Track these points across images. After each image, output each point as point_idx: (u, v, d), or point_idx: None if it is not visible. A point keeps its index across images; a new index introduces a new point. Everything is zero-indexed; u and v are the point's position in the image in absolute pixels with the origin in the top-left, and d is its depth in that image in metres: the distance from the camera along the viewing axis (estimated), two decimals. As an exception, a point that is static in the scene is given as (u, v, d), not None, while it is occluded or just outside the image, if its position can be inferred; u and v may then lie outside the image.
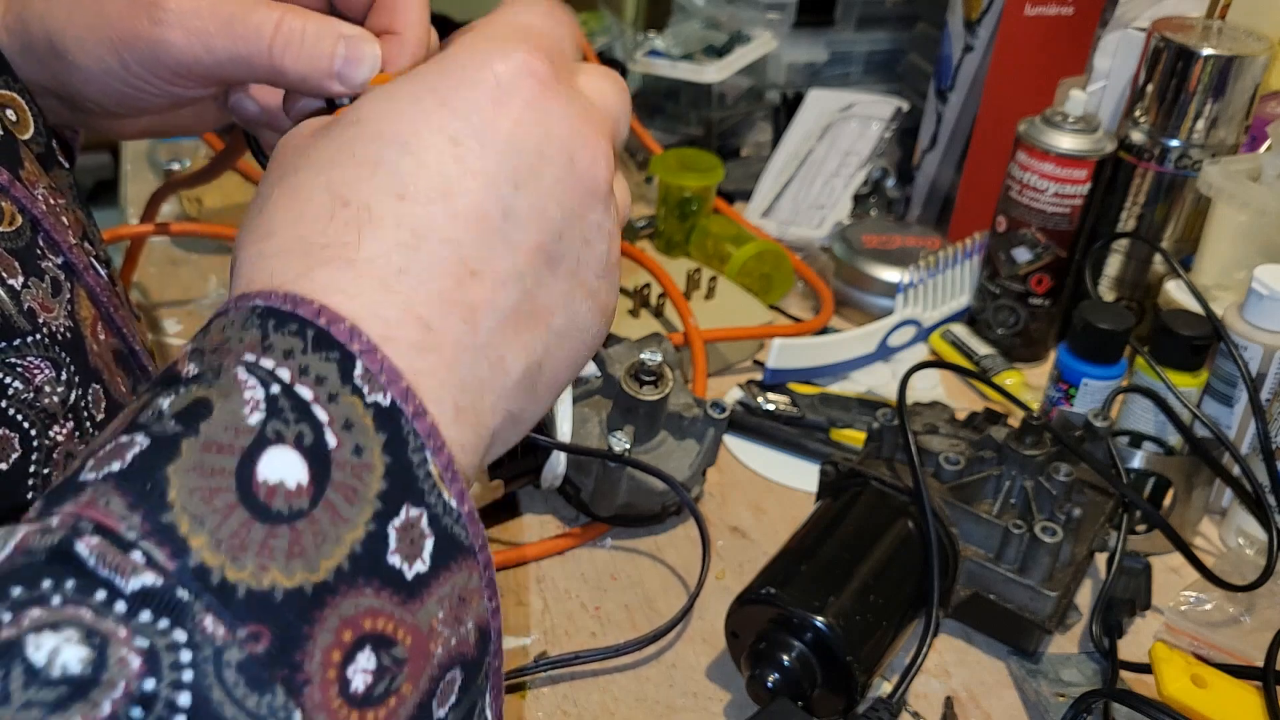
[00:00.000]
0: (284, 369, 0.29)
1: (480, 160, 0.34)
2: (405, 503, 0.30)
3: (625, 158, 1.14)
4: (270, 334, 0.30)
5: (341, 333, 0.30)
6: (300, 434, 0.29)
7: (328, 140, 0.35)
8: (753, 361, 0.92)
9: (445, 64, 0.36)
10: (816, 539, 0.65)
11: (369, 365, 0.30)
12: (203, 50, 0.45)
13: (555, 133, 0.35)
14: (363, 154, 0.34)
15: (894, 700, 0.60)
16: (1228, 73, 0.83)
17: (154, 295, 0.94)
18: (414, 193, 0.33)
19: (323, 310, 0.31)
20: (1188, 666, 0.61)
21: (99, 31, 0.46)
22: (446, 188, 0.33)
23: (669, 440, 0.73)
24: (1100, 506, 0.70)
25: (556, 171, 0.35)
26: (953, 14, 1.02)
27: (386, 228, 0.33)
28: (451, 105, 0.34)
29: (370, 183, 0.33)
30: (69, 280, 0.44)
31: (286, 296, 0.31)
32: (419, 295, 0.32)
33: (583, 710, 0.62)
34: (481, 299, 0.33)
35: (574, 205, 0.36)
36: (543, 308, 0.35)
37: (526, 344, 0.35)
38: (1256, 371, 0.74)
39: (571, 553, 0.72)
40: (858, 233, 1.00)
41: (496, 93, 0.35)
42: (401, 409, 0.31)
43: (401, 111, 0.35)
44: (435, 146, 0.34)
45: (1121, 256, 0.92)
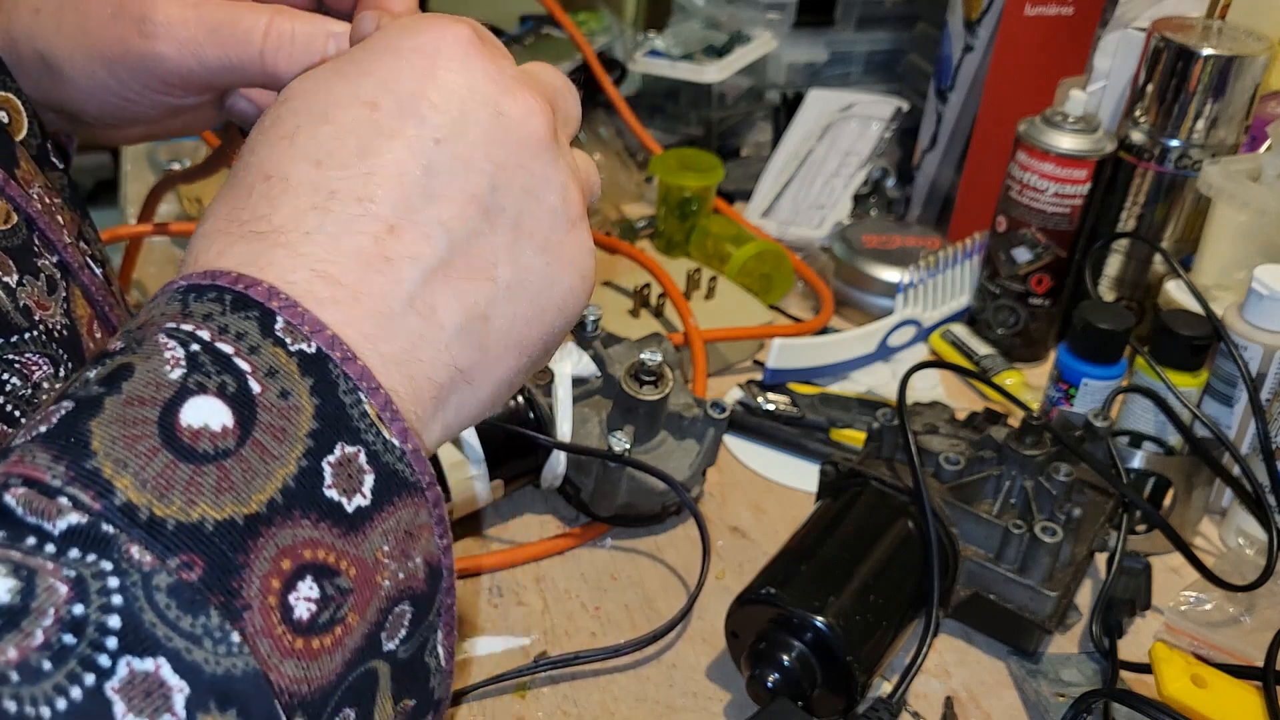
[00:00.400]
0: (203, 330, 0.31)
1: (398, 121, 0.35)
2: (339, 441, 0.31)
3: (625, 157, 1.14)
4: (190, 304, 0.31)
5: (260, 293, 0.31)
6: (223, 383, 0.30)
7: (263, 120, 0.36)
8: (753, 361, 0.92)
9: (373, 39, 0.37)
10: (816, 539, 0.65)
11: (290, 319, 0.31)
12: (194, 61, 0.45)
13: (479, 87, 0.36)
14: (285, 127, 0.35)
15: (894, 700, 0.60)
16: (1228, 73, 0.83)
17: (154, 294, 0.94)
18: (328, 158, 0.34)
19: (240, 278, 0.32)
20: (1188, 666, 0.61)
21: (88, 46, 0.46)
22: (363, 149, 0.34)
23: (669, 440, 0.73)
24: (1100, 506, 0.70)
25: (482, 124, 0.36)
26: (953, 14, 1.02)
27: (301, 194, 0.34)
28: (374, 73, 0.36)
29: (289, 153, 0.34)
30: (65, 279, 0.44)
31: (206, 273, 0.32)
32: (329, 254, 0.33)
33: (583, 710, 0.62)
34: (401, 252, 0.34)
35: (508, 156, 0.36)
36: (480, 260, 0.36)
37: (461, 295, 0.35)
38: (1256, 371, 0.74)
39: (571, 553, 0.72)
40: (858, 233, 1.00)
41: (418, 57, 0.36)
42: (328, 354, 0.31)
43: (324, 84, 0.36)
44: (353, 112, 0.35)
45: (1121, 256, 0.92)
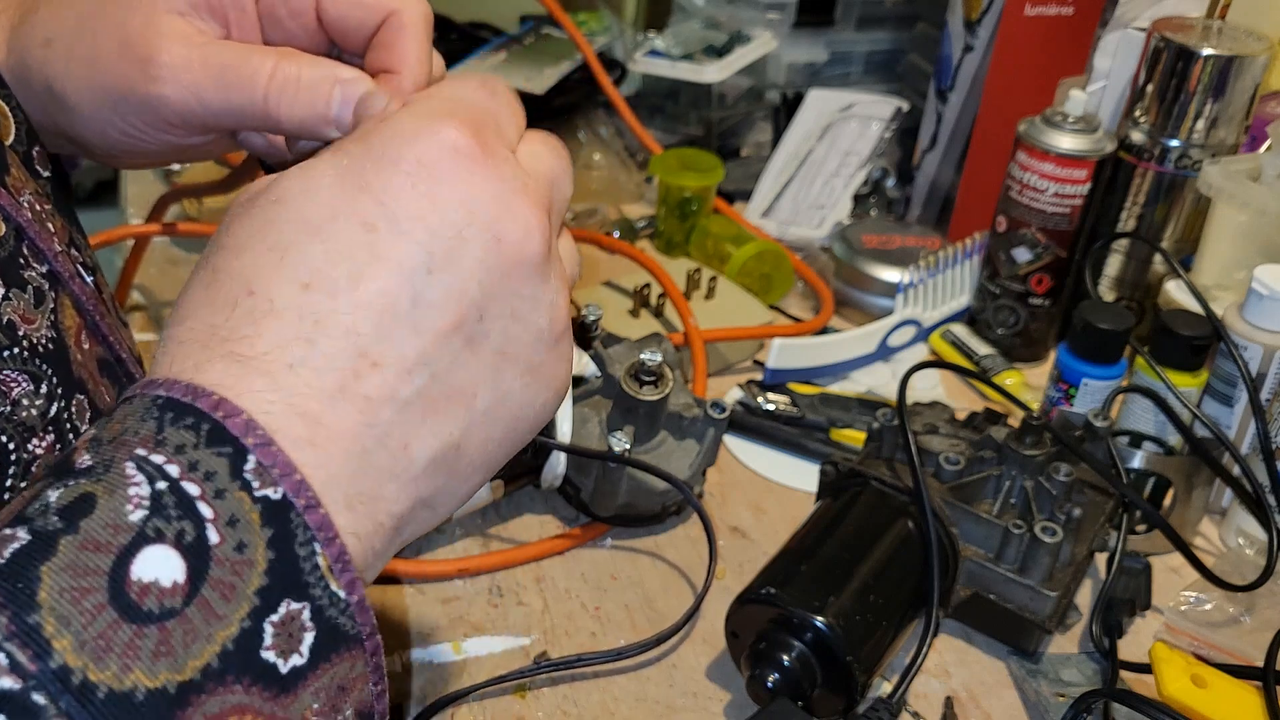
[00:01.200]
0: (173, 465, 0.30)
1: (393, 246, 0.34)
2: (286, 598, 0.30)
3: (625, 157, 1.14)
4: (165, 427, 0.31)
5: (237, 426, 0.31)
6: (181, 531, 0.29)
7: (249, 218, 0.35)
8: (753, 361, 0.92)
9: (370, 141, 0.35)
10: (816, 539, 0.65)
11: (262, 459, 0.31)
12: (197, 104, 0.44)
13: (479, 211, 0.35)
14: (275, 238, 0.34)
15: (894, 700, 0.60)
16: (1228, 73, 0.83)
17: (154, 295, 0.94)
18: (318, 282, 0.33)
19: (221, 403, 0.31)
20: (1188, 666, 0.61)
21: (95, 85, 0.45)
22: (354, 275, 0.33)
23: (669, 440, 0.73)
24: (1100, 506, 0.70)
25: (478, 251, 0.35)
26: (953, 14, 1.02)
27: (287, 320, 0.33)
28: (371, 188, 0.34)
29: (277, 271, 0.33)
30: (53, 289, 0.44)
31: (188, 388, 0.31)
32: (309, 389, 0.32)
33: (583, 710, 0.62)
34: (380, 390, 0.33)
35: (500, 282, 0.35)
36: (459, 390, 0.35)
37: (436, 429, 0.35)
38: (1256, 371, 0.74)
39: (571, 553, 0.72)
40: (858, 233, 1.00)
41: (418, 173, 0.34)
42: (292, 502, 0.31)
43: (319, 193, 0.34)
44: (348, 232, 0.34)
45: (1121, 256, 0.92)
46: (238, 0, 0.46)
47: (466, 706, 0.61)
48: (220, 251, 0.35)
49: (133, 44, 0.44)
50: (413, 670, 0.63)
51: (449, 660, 0.64)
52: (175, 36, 0.44)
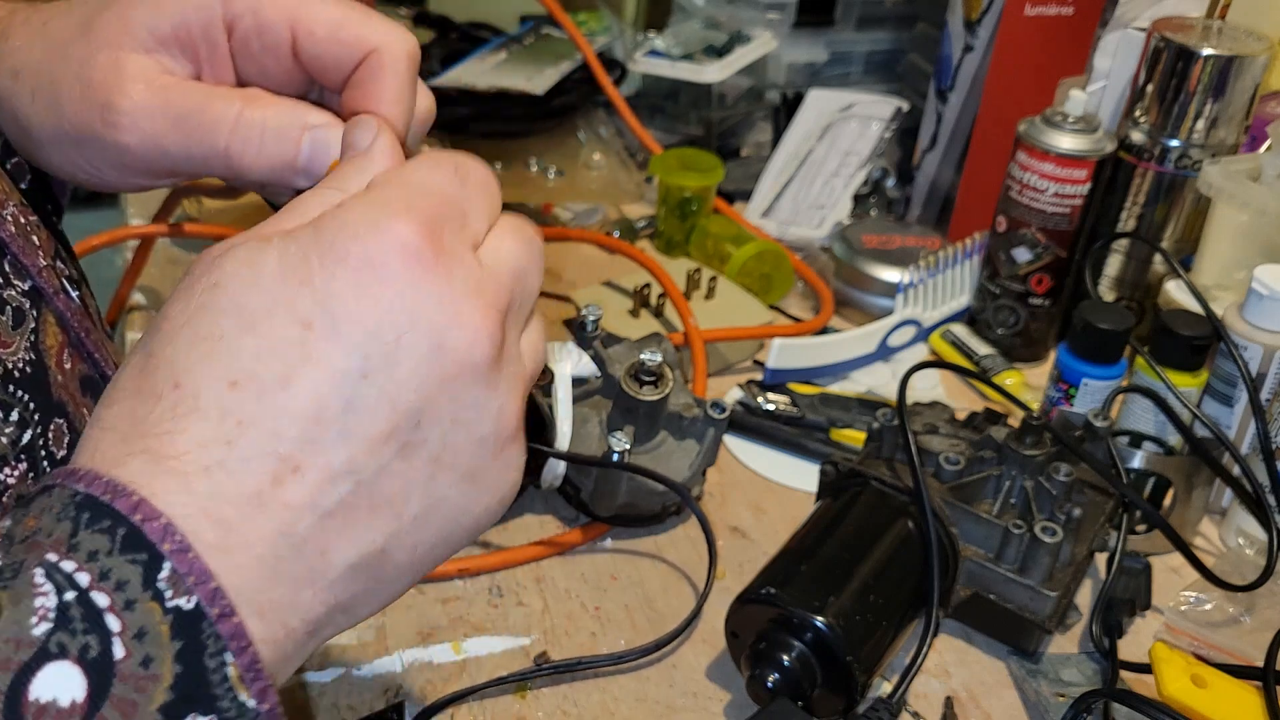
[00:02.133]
0: (83, 573, 0.29)
1: (328, 348, 0.32)
2: (192, 712, 0.30)
3: (625, 157, 1.14)
4: (80, 530, 0.30)
5: (155, 530, 0.30)
6: (86, 645, 0.29)
7: (188, 300, 0.33)
8: (753, 361, 0.92)
9: (321, 231, 0.34)
10: (816, 539, 0.65)
11: (177, 566, 0.30)
12: (158, 152, 0.42)
13: (423, 316, 0.33)
14: (208, 328, 0.33)
15: (894, 700, 0.60)
16: (1228, 73, 0.83)
17: (155, 295, 0.94)
18: (246, 380, 0.32)
19: (141, 505, 0.30)
20: (1188, 666, 0.61)
21: (57, 126, 0.43)
22: (284, 376, 0.32)
23: (669, 440, 0.73)
24: (1100, 506, 0.70)
25: (418, 357, 0.33)
26: (953, 14, 1.02)
27: (209, 419, 0.32)
28: (313, 284, 0.33)
29: (206, 365, 0.32)
30: (34, 307, 0.42)
31: (108, 485, 0.30)
32: (225, 494, 0.31)
33: (583, 710, 0.62)
34: (300, 497, 0.32)
35: (440, 390, 0.34)
36: (388, 498, 0.34)
37: (359, 536, 0.34)
38: (1256, 371, 0.74)
39: (571, 553, 0.72)
40: (858, 233, 1.00)
41: (363, 273, 0.33)
42: (205, 612, 0.30)
43: (259, 282, 0.33)
44: (283, 329, 0.32)
45: (1121, 256, 0.92)
46: (209, 36, 0.43)
47: (466, 706, 0.61)
48: (156, 334, 0.34)
49: (94, 86, 0.42)
50: (411, 671, 0.63)
51: (449, 660, 0.64)
52: (138, 78, 0.42)
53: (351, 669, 0.63)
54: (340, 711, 0.60)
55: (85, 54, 0.43)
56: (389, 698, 0.61)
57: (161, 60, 0.43)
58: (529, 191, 1.06)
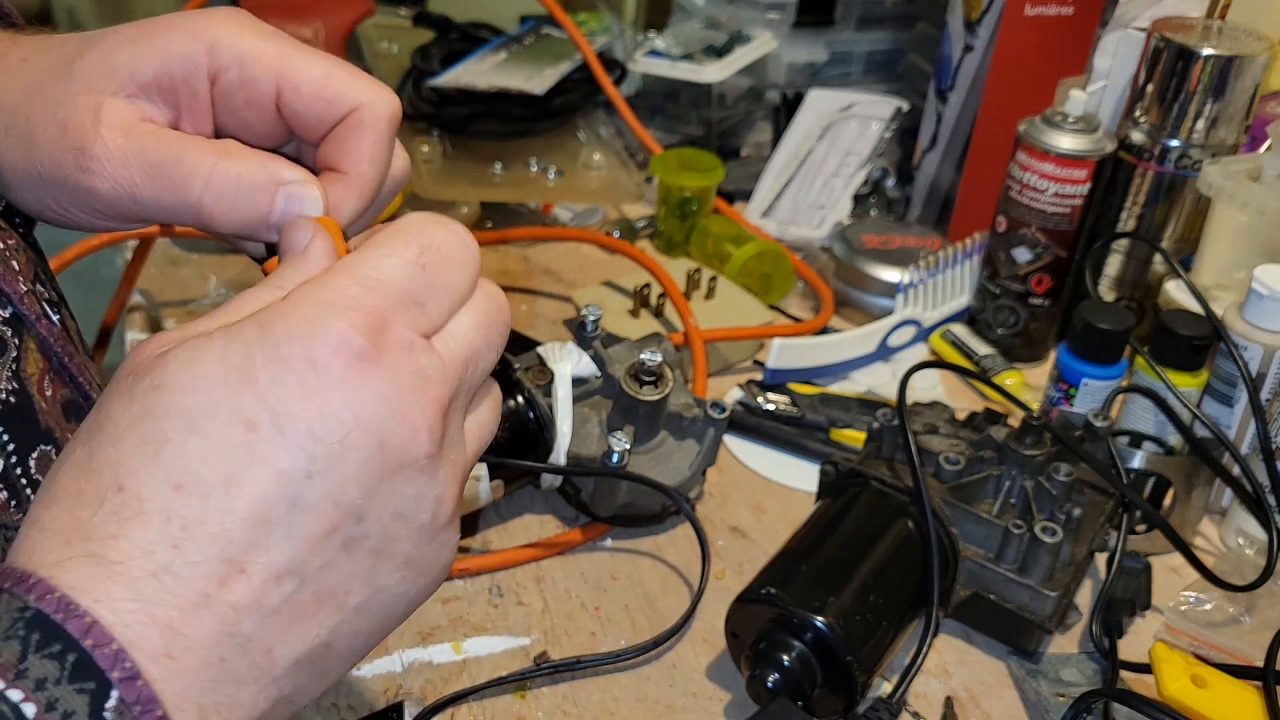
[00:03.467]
0: (30, 704, 0.29)
1: (272, 449, 0.33)
2: None
3: (625, 157, 1.14)
4: (30, 654, 0.30)
5: (104, 657, 0.30)
6: None
7: (130, 400, 0.33)
8: (753, 361, 0.92)
9: (266, 330, 0.33)
10: (816, 539, 0.65)
11: (124, 695, 0.30)
12: (130, 200, 0.42)
13: (365, 416, 0.33)
14: (152, 430, 0.32)
15: (894, 700, 0.60)
16: (1228, 73, 0.83)
17: (154, 295, 0.94)
18: (192, 483, 0.32)
19: (93, 629, 0.30)
20: (1188, 666, 0.61)
21: (29, 164, 0.43)
22: (229, 477, 0.32)
23: (669, 440, 0.73)
24: (1100, 506, 0.70)
25: (360, 457, 0.34)
26: (953, 14, 1.02)
27: (154, 523, 0.32)
28: (256, 384, 0.33)
29: (150, 467, 0.32)
30: (16, 335, 0.41)
31: (61, 602, 0.30)
32: (170, 598, 0.31)
33: (583, 710, 0.62)
34: (245, 598, 0.32)
35: (381, 485, 0.34)
36: (330, 592, 0.34)
37: (303, 631, 0.34)
38: (1256, 371, 0.74)
39: (571, 553, 0.72)
40: (858, 233, 1.00)
41: (307, 374, 0.33)
42: None
43: (203, 383, 0.33)
44: (227, 430, 0.32)
45: (1121, 256, 0.92)
46: (191, 84, 0.42)
47: (466, 706, 0.61)
48: (97, 433, 0.33)
49: (70, 129, 0.41)
50: (411, 671, 0.63)
51: (449, 660, 0.64)
52: (115, 124, 0.41)
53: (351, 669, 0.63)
54: (340, 711, 0.60)
55: (64, 95, 0.42)
56: (389, 698, 0.61)
57: (141, 106, 0.42)
58: (529, 191, 1.06)
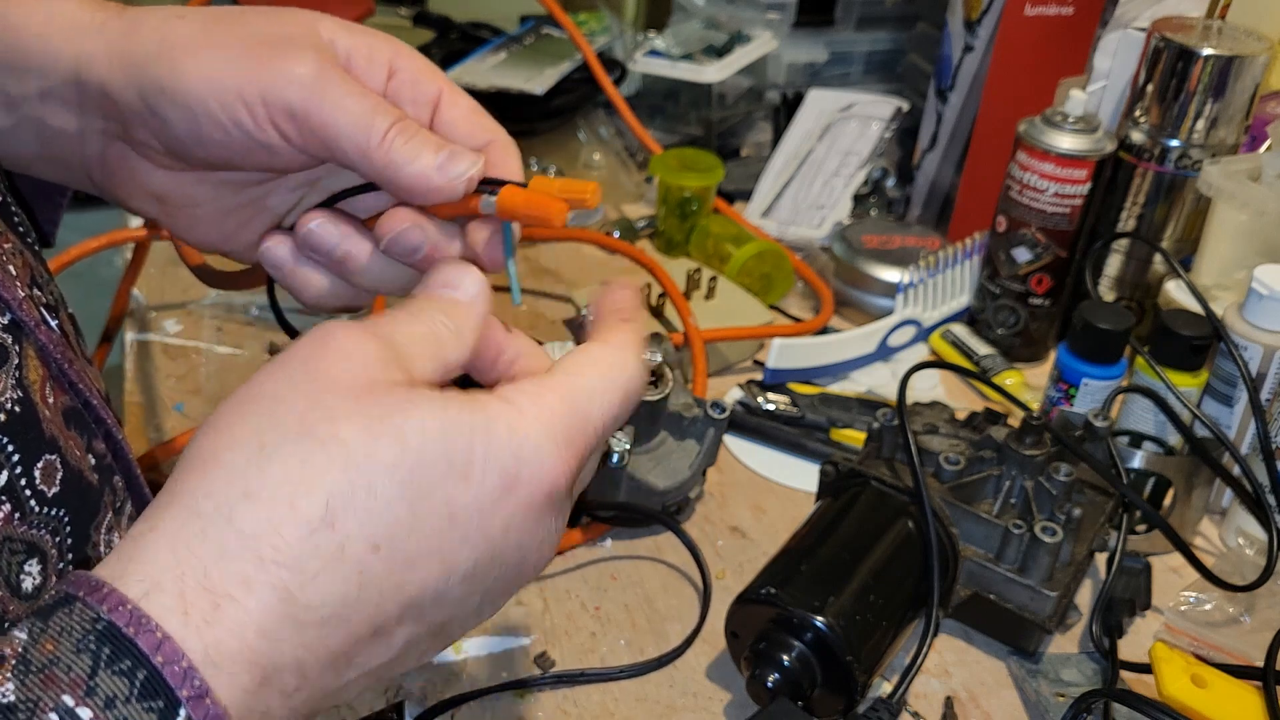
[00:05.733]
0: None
1: (458, 549, 0.35)
2: None
3: (625, 157, 1.14)
4: (100, 668, 0.29)
5: (174, 675, 0.30)
6: None
7: (356, 426, 0.34)
8: (753, 361, 0.92)
9: (499, 429, 0.35)
10: (816, 539, 0.65)
11: (193, 714, 0.30)
12: (315, 109, 0.42)
13: (528, 541, 0.37)
14: (370, 478, 0.33)
15: (894, 700, 0.60)
16: (1228, 73, 0.83)
17: (154, 295, 0.94)
18: (386, 546, 0.33)
19: (164, 645, 0.30)
20: (1188, 666, 0.61)
21: (228, 60, 0.43)
22: (414, 560, 0.34)
23: (669, 440, 0.73)
24: (1100, 506, 0.70)
25: (505, 572, 0.37)
26: (953, 14, 1.02)
27: (343, 570, 0.33)
28: (471, 485, 0.34)
29: (360, 516, 0.33)
30: (17, 342, 0.41)
31: (133, 615, 0.30)
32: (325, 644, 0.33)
33: (583, 710, 0.62)
34: (367, 662, 0.35)
35: (499, 590, 0.37)
36: (404, 655, 0.36)
37: (360, 681, 0.36)
38: (1256, 371, 0.74)
39: (571, 553, 0.72)
40: (858, 233, 1.00)
41: (508, 494, 0.35)
42: None
43: (430, 467, 0.34)
44: (436, 512, 0.34)
45: (1121, 256, 0.92)
46: (373, 69, 0.45)
47: (467, 706, 0.61)
48: (330, 446, 0.33)
49: (284, 34, 0.43)
50: (411, 671, 0.63)
51: (449, 660, 0.64)
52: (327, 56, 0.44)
53: (351, 669, 0.62)
54: (340, 711, 0.60)
55: (276, 30, 0.43)
56: (389, 698, 0.61)
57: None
58: (529, 191, 1.06)
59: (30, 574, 0.39)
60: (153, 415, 0.81)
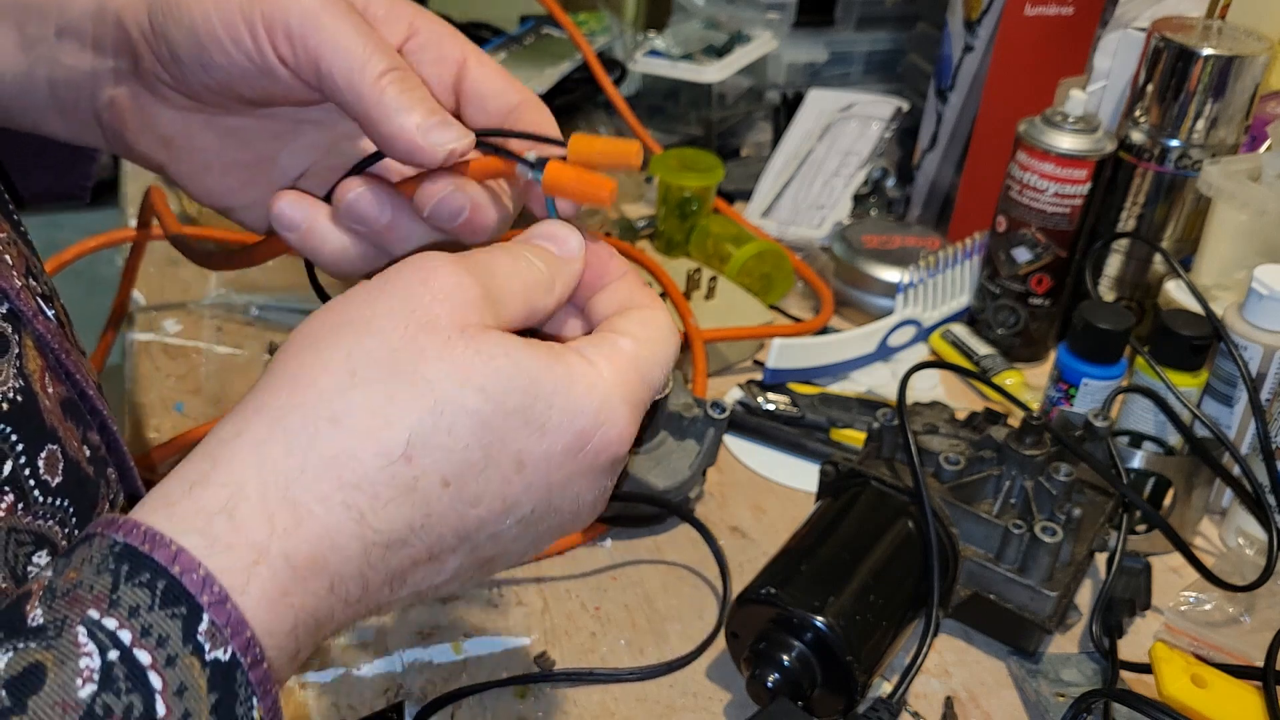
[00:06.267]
0: (125, 630, 0.30)
1: (521, 495, 0.37)
2: None
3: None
4: (120, 584, 0.31)
5: (194, 583, 0.31)
6: (130, 706, 0.29)
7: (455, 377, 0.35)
8: (753, 361, 0.92)
9: (576, 385, 0.37)
10: (816, 539, 0.65)
11: (215, 618, 0.31)
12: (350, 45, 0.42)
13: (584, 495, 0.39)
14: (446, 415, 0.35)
15: (894, 700, 0.60)
16: (1228, 73, 0.83)
17: (154, 295, 0.94)
18: (456, 480, 0.35)
19: (180, 555, 0.31)
20: (1188, 666, 0.61)
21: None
22: (479, 497, 0.36)
23: (669, 440, 0.73)
24: (1100, 506, 0.70)
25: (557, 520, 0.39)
26: (953, 14, 1.02)
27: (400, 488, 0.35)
28: (545, 437, 0.36)
29: (430, 440, 0.35)
30: (16, 331, 0.41)
31: (148, 534, 0.31)
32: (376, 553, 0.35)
33: (583, 710, 0.62)
34: (417, 582, 0.37)
35: (545, 533, 0.39)
36: (447, 581, 0.38)
37: (404, 600, 0.38)
38: (1256, 371, 0.74)
39: (571, 553, 0.72)
40: (858, 233, 1.00)
41: (576, 449, 0.37)
42: (240, 662, 0.31)
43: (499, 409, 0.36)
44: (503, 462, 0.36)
45: (1121, 256, 0.92)
46: (391, 26, 0.46)
47: (467, 706, 0.61)
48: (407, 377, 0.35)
49: None
50: (411, 671, 0.63)
51: (449, 660, 0.64)
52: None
53: (351, 669, 0.63)
54: (340, 711, 0.60)
55: None
56: (389, 698, 0.61)
57: None
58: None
59: (38, 565, 0.39)
60: (153, 415, 0.81)
